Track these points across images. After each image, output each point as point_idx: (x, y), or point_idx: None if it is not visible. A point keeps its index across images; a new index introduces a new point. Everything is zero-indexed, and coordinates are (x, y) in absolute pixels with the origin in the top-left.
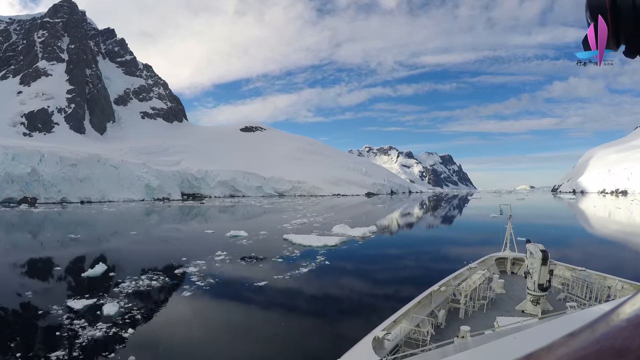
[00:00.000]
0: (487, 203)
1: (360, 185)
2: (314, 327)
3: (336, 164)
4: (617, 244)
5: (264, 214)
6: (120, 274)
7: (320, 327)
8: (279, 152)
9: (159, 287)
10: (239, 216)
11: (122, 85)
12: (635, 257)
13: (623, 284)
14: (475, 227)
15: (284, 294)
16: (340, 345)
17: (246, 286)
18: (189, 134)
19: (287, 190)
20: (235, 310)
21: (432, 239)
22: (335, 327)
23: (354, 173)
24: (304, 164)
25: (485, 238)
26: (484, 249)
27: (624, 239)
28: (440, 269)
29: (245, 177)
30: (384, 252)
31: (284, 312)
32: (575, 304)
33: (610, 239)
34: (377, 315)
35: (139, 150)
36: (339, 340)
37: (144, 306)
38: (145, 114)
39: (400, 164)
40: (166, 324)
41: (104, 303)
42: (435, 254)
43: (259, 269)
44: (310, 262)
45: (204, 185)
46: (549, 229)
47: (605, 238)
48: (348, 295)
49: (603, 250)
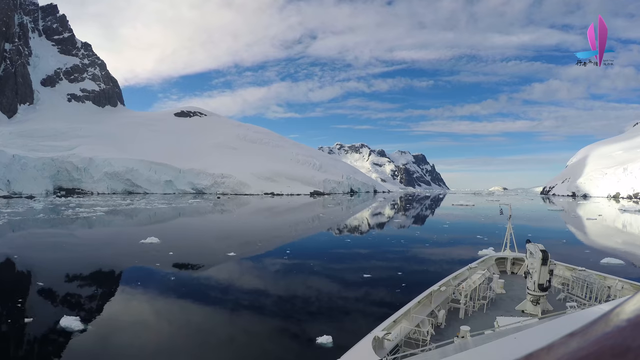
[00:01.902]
0: (481, 212)
1: (306, 182)
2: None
3: (281, 156)
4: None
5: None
6: None
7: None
8: (213, 139)
9: None
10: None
11: (54, 64)
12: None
13: (623, 284)
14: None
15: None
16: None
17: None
18: (113, 118)
19: (207, 186)
20: None
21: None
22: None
23: (303, 167)
24: (238, 155)
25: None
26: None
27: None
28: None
29: (152, 168)
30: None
31: None
32: (575, 304)
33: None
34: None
35: (28, 133)
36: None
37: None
38: (73, 96)
39: (371, 162)
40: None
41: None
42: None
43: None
44: None
45: (87, 177)
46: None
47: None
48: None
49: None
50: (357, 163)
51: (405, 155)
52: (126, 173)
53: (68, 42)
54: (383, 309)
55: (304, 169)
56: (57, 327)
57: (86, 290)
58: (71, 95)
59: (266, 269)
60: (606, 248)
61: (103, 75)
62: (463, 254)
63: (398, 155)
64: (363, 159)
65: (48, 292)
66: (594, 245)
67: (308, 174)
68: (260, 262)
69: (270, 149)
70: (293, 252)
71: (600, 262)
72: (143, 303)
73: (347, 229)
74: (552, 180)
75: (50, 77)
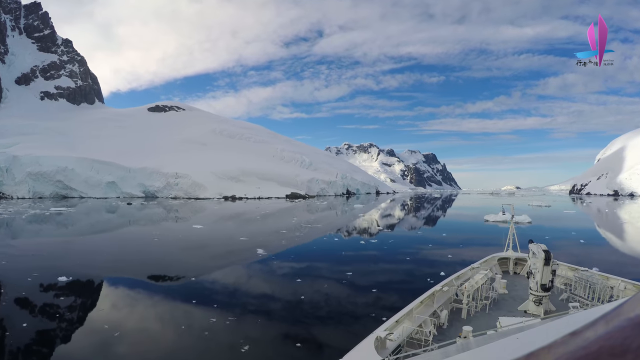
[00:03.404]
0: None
1: (285, 183)
2: None
3: (261, 153)
4: None
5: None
6: None
7: None
8: (181, 135)
9: None
10: None
11: (31, 62)
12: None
13: (626, 284)
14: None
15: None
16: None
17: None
18: (82, 115)
19: (160, 188)
20: None
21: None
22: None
23: (287, 165)
24: (205, 151)
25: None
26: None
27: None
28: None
29: (94, 167)
30: None
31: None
32: (578, 304)
33: None
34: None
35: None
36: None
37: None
38: (46, 94)
39: (380, 162)
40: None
41: None
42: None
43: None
44: None
45: (8, 179)
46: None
47: None
48: None
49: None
50: (365, 163)
51: (416, 154)
52: (57, 173)
53: (48, 39)
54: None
55: (287, 167)
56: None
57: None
58: (44, 93)
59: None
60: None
61: (81, 72)
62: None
63: (408, 155)
64: (372, 159)
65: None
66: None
67: (291, 173)
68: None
69: (250, 145)
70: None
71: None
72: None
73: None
74: (581, 177)
75: (25, 75)
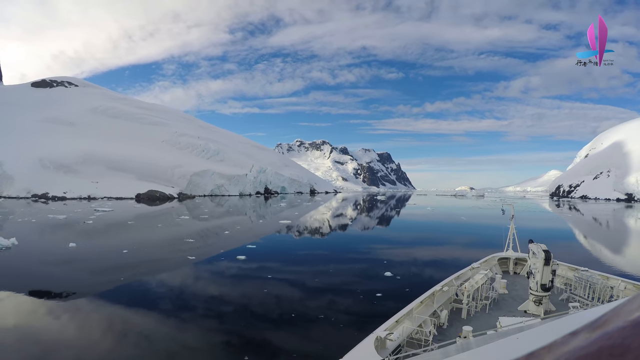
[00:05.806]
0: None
1: (148, 177)
2: None
3: (146, 136)
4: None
5: None
6: None
7: None
8: (50, 113)
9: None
10: None
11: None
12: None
13: (626, 284)
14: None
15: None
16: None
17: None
18: None
19: None
20: None
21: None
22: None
23: (178, 153)
24: (60, 133)
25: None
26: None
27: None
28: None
29: None
30: None
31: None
32: (578, 304)
33: None
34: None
35: None
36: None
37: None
38: None
39: (333, 161)
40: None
41: None
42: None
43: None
44: None
45: None
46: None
47: None
48: None
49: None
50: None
51: (370, 153)
52: None
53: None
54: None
55: (173, 155)
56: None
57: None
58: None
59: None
60: None
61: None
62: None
63: (362, 153)
64: (324, 156)
65: None
66: None
67: (170, 163)
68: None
69: (138, 127)
70: None
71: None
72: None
73: None
74: (566, 176)
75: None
